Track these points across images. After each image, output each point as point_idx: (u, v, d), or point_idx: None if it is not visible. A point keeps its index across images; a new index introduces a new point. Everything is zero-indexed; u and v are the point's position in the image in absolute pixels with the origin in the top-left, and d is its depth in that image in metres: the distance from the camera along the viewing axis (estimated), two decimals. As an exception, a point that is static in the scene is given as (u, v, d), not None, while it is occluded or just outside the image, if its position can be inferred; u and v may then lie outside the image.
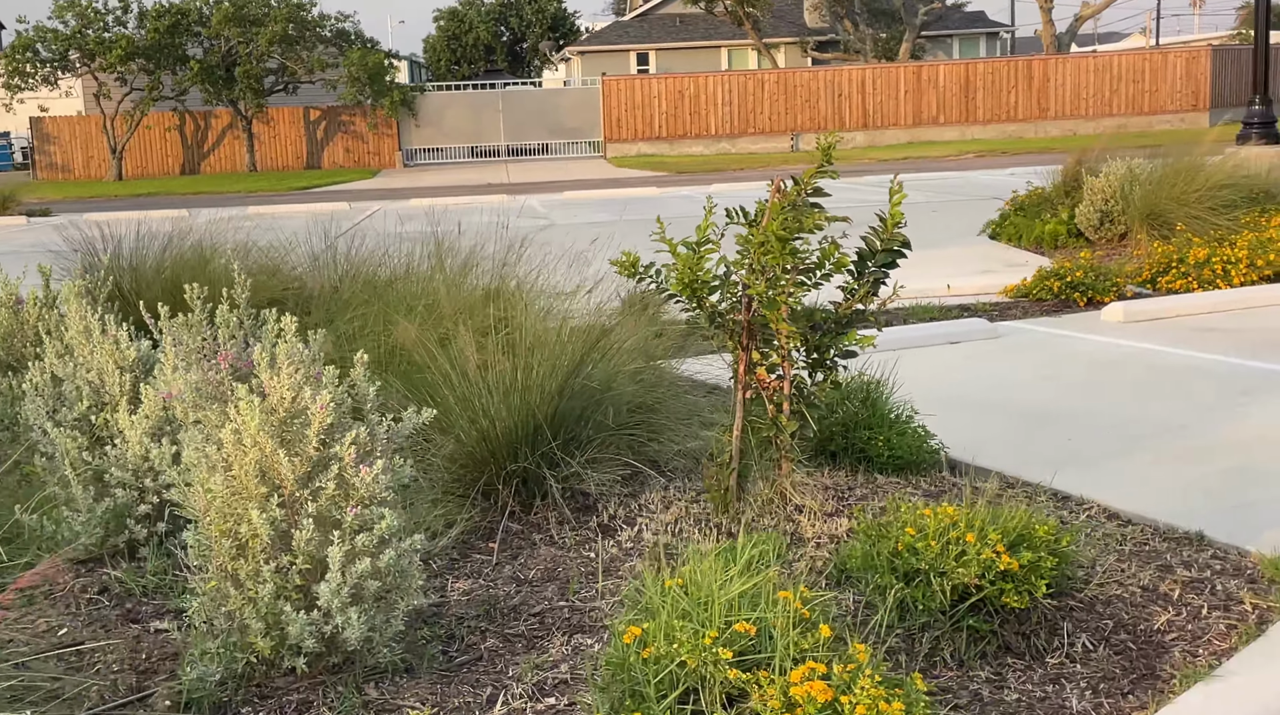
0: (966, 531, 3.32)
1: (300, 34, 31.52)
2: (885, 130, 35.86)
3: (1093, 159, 11.56)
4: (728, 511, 3.82)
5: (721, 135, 35.52)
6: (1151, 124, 36.02)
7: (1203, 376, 6.32)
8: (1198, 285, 8.86)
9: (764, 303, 3.70)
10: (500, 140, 34.93)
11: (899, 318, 8.36)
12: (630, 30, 44.50)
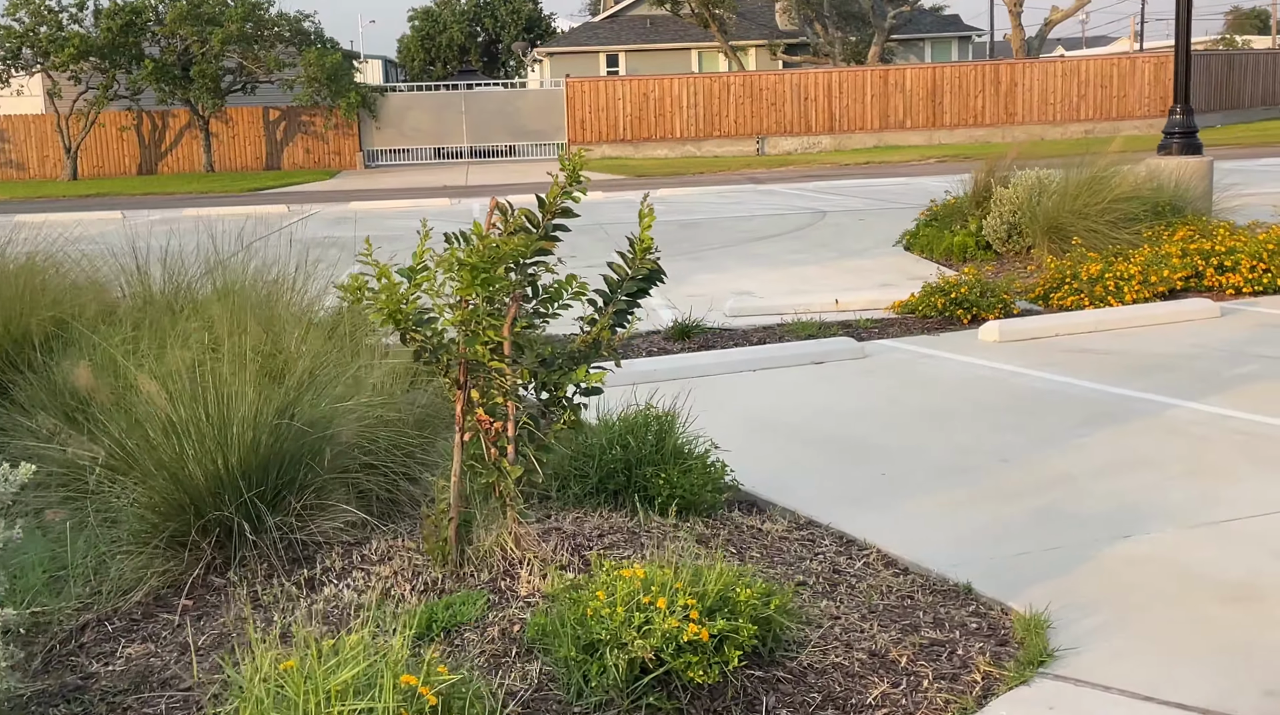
0: (659, 596, 3.03)
1: (258, 33, 31.15)
2: (852, 134, 35.61)
3: (1005, 168, 11.30)
4: (446, 564, 3.53)
5: (686, 138, 35.23)
6: (1119, 129, 35.71)
7: (1054, 403, 6.04)
8: (1089, 302, 8.58)
9: (465, 337, 3.40)
10: (463, 142, 34.58)
11: (774, 335, 8.07)
12: (600, 32, 44.19)
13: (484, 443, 3.52)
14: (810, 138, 35.44)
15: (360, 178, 30.57)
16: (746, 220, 15.30)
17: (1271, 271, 8.93)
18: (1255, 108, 39.94)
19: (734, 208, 17.31)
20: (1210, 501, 4.53)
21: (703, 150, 35.24)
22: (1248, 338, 7.39)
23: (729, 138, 35.35)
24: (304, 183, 29.09)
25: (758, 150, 35.24)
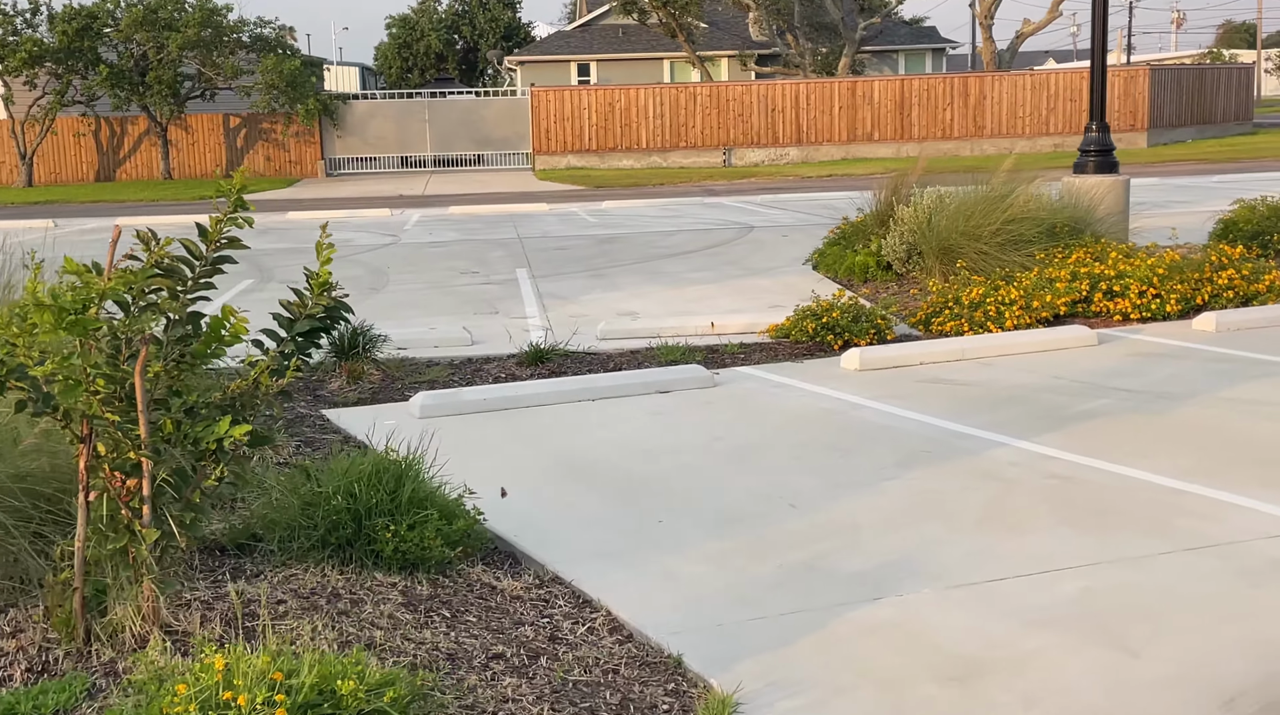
0: (242, 692, 2.69)
1: (216, 39, 30.81)
2: (820, 146, 35.32)
3: (910, 184, 10.98)
4: (73, 641, 3.20)
5: (652, 149, 34.94)
6: (1089, 143, 35.60)
7: (881, 440, 5.71)
8: (969, 328, 8.27)
9: (62, 387, 3.07)
10: (427, 151, 34.27)
11: (634, 360, 7.74)
12: (572, 40, 43.88)
13: (117, 502, 3.19)
14: (778, 149, 35.16)
15: (318, 186, 30.24)
16: (670, 235, 14.98)
17: (1162, 297, 8.62)
18: (1229, 122, 39.73)
19: (667, 222, 17.00)
20: (984, 558, 4.21)
21: (669, 161, 34.95)
22: (1113, 368, 7.07)
23: (696, 149, 35.07)
24: (258, 191, 28.72)
25: (724, 162, 34.96)
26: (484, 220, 18.34)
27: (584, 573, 4.16)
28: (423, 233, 16.35)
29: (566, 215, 18.90)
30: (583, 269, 12.08)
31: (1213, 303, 8.76)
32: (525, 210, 20.30)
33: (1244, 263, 9.06)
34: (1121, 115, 35.96)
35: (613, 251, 13.55)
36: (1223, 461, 5.19)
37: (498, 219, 18.45)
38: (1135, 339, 7.93)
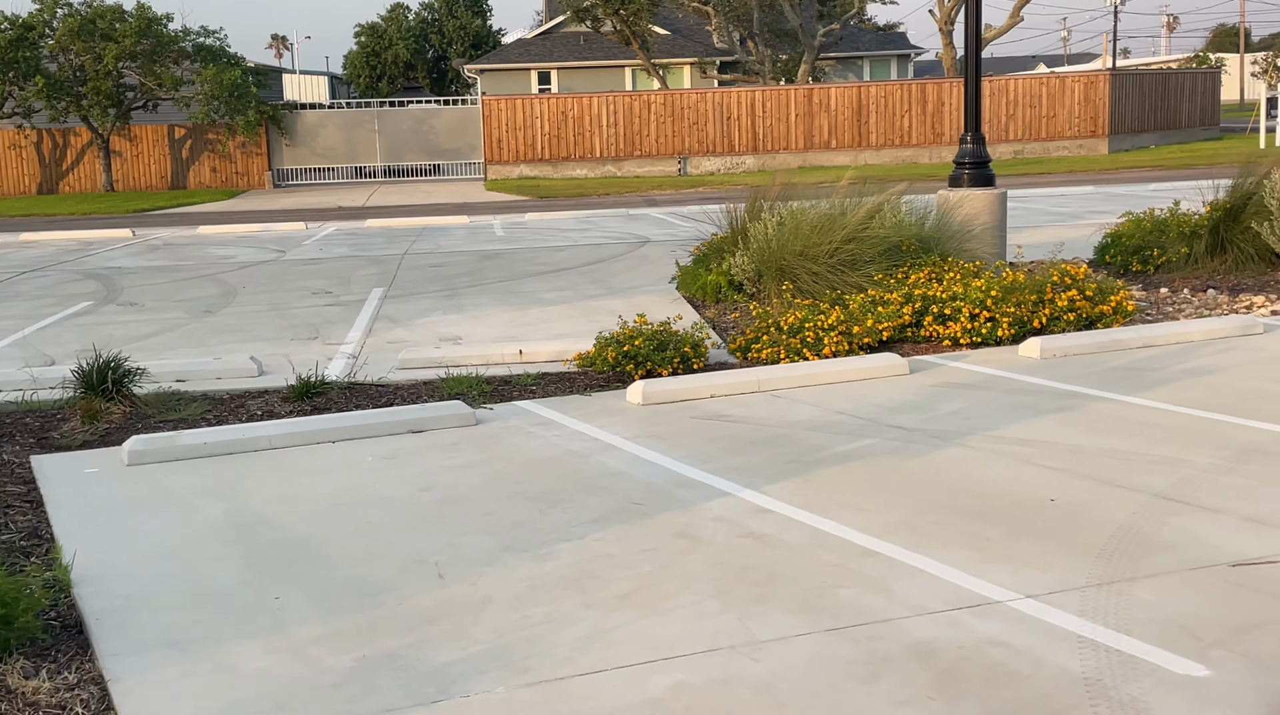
0: None
1: (157, 49, 30.36)
2: (776, 154, 34.88)
3: (774, 198, 10.48)
4: None
5: (606, 158, 34.50)
6: (1049, 150, 35.22)
7: (602, 490, 5.20)
8: (785, 355, 7.78)
9: None
10: (376, 161, 33.82)
11: (417, 393, 7.25)
12: (532, 48, 43.44)
13: None
14: (734, 157, 34.73)
15: (260, 198, 29.77)
16: (559, 251, 14.49)
17: (996, 320, 8.13)
18: (1194, 127, 39.30)
19: (575, 234, 16.51)
20: (599, 643, 3.70)
21: (623, 170, 34.50)
22: (907, 402, 6.58)
23: (651, 157, 34.62)
24: (197, 203, 28.27)
25: (679, 170, 34.51)
26: (390, 234, 17.87)
27: (133, 667, 3.65)
28: (316, 248, 15.86)
29: (480, 228, 18.42)
30: (442, 289, 11.59)
31: (1051, 326, 8.27)
32: (444, 223, 19.82)
33: (1088, 282, 8.56)
34: (1082, 122, 35.53)
35: (487, 269, 13.06)
36: (938, 515, 4.69)
37: (405, 233, 17.97)
38: (951, 367, 7.44)
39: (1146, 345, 7.82)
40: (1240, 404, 6.24)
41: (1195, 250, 10.69)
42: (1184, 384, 6.75)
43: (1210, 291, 9.92)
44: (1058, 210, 17.90)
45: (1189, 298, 9.78)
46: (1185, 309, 9.32)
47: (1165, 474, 5.14)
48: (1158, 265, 10.84)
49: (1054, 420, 6.10)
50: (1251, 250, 10.50)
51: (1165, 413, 6.15)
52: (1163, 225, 11.15)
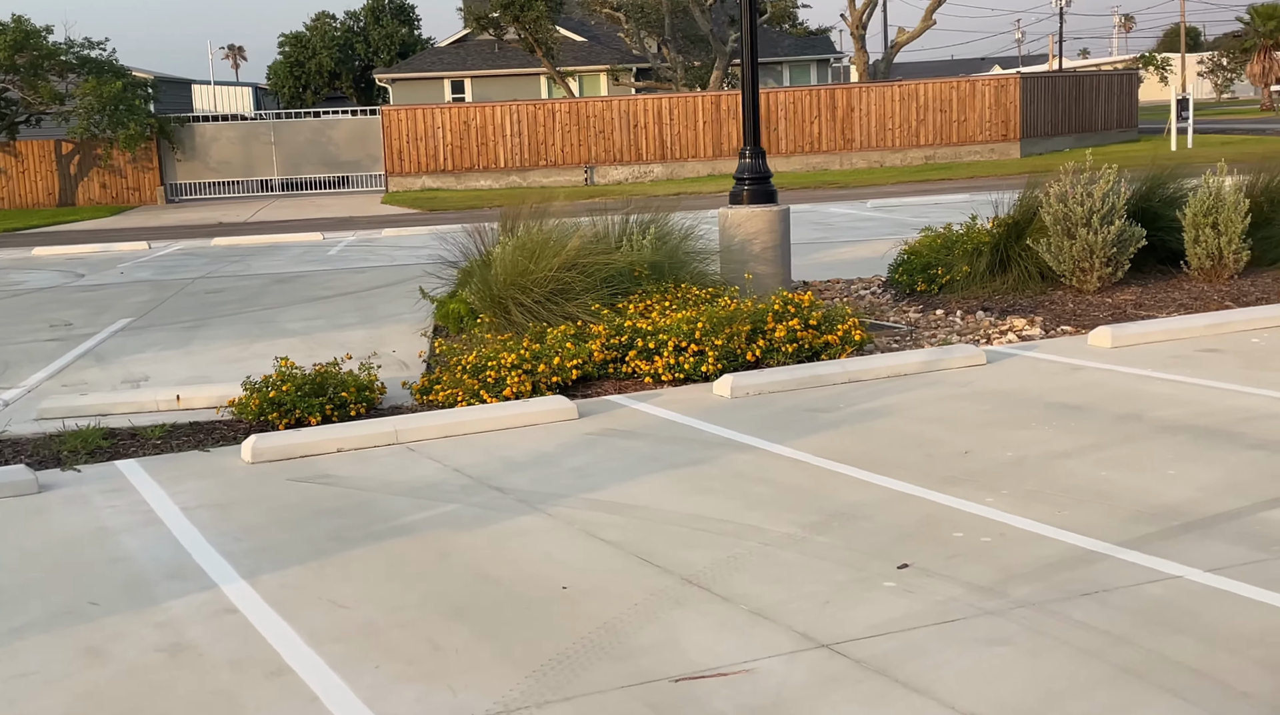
0: None
1: (37, 62, 29.44)
2: (685, 162, 34.28)
3: (527, 217, 9.78)
4: None
5: (511, 168, 33.79)
6: (960, 155, 34.79)
7: (74, 580, 4.51)
8: (464, 397, 7.10)
9: None
10: (273, 174, 32.98)
11: (9, 449, 6.52)
12: (446, 57, 42.68)
13: None
14: (641, 166, 34.11)
15: (145, 215, 28.89)
16: (361, 273, 13.78)
17: (705, 353, 7.48)
18: (1111, 130, 39.00)
19: (400, 254, 15.77)
20: None
21: (529, 181, 33.81)
22: (542, 455, 5.90)
23: (557, 167, 33.94)
24: (76, 221, 27.35)
25: (586, 180, 33.85)
26: (222, 254, 17.11)
27: None
28: (117, 273, 15.02)
29: (320, 247, 17.66)
30: (193, 319, 10.86)
31: (767, 359, 7.63)
32: (293, 240, 19.06)
33: (813, 310, 7.93)
34: (993, 126, 35.10)
35: (268, 294, 12.35)
36: (418, 613, 4.01)
37: (238, 252, 17.22)
38: (630, 410, 6.79)
39: (852, 380, 7.19)
40: (884, 454, 5.62)
41: (977, 269, 10.10)
42: (850, 428, 6.13)
43: (980, 313, 9.33)
44: (912, 221, 17.33)
45: (954, 321, 9.19)
46: (939, 333, 8.72)
47: (722, 548, 4.50)
48: (942, 284, 10.25)
49: (674, 477, 5.45)
50: (1034, 268, 9.92)
51: (798, 465, 5.52)
52: (952, 241, 10.57)
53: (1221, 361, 7.21)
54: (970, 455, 5.56)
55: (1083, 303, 9.36)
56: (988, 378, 7.12)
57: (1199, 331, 8.00)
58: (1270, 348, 7.53)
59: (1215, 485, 4.94)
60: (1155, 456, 5.40)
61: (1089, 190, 9.51)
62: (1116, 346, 7.76)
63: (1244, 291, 9.39)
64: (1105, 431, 5.84)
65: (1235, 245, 9.58)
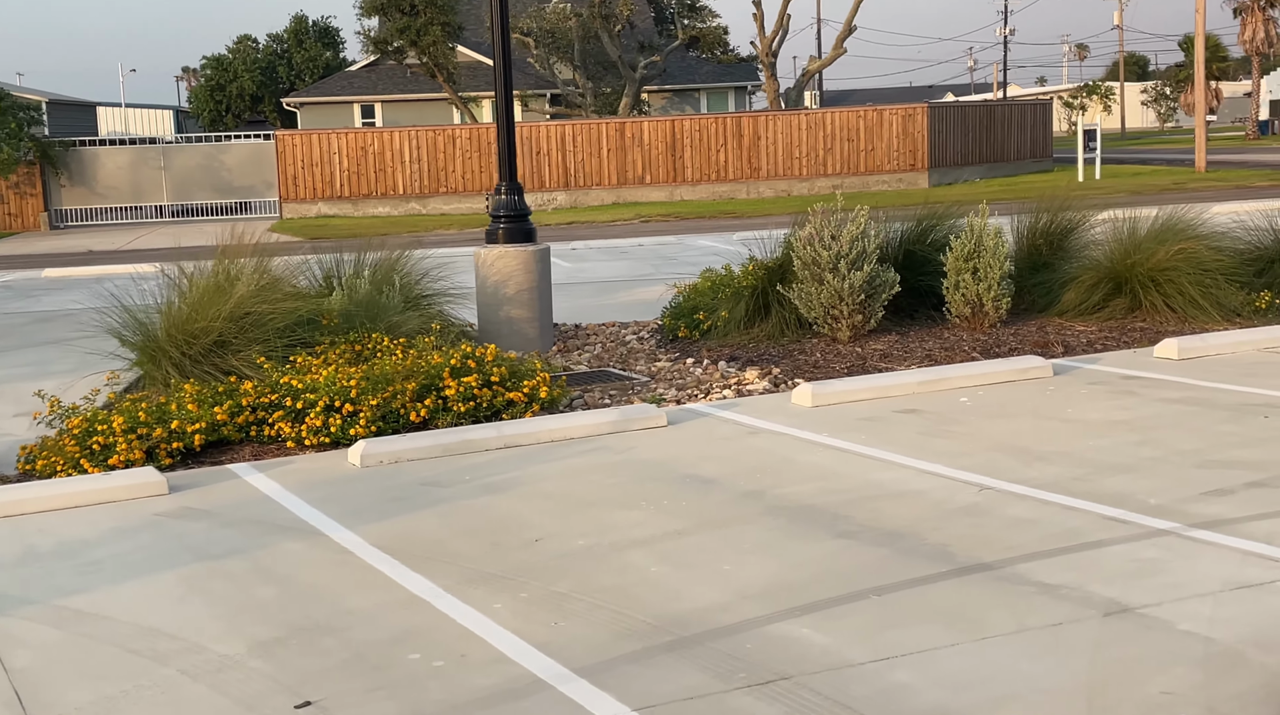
0: None
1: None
2: (589, 190, 33.74)
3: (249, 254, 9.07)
4: None
5: (411, 195, 33.13)
6: (868, 184, 34.44)
7: None
8: (63, 467, 6.39)
9: None
10: (163, 199, 32.12)
11: None
12: (356, 81, 42.01)
13: None
14: (545, 194, 33.51)
15: (22, 242, 27.96)
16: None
17: (364, 412, 6.81)
18: (1025, 159, 38.82)
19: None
20: None
21: (429, 208, 33.15)
22: (57, 547, 5.22)
23: (458, 194, 33.31)
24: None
25: (487, 208, 33.17)
26: (31, 287, 16.34)
27: None
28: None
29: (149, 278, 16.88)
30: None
31: (436, 418, 6.97)
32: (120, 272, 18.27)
33: (497, 364, 7.28)
34: (901, 155, 34.80)
35: (9, 335, 11.65)
36: None
37: (57, 285, 16.46)
38: (236, 484, 6.09)
39: (509, 446, 6.55)
40: (448, 544, 4.96)
41: (736, 314, 9.52)
42: (447, 508, 5.47)
43: (723, 363, 8.73)
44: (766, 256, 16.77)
45: (696, 371, 8.59)
46: (672, 386, 8.11)
47: (128, 677, 3.83)
48: (704, 331, 9.66)
49: (190, 574, 4.76)
50: (794, 315, 9.34)
51: (341, 560, 4.85)
52: (720, 284, 10.00)
53: (908, 425, 6.63)
54: (538, 544, 4.92)
55: (831, 353, 8.79)
56: (654, 443, 6.50)
57: (911, 388, 7.42)
58: (973, 408, 6.96)
59: (756, 586, 4.32)
60: (731, 546, 4.78)
61: (836, 233, 8.95)
62: (817, 405, 7.17)
63: (1000, 341, 8.85)
64: (709, 512, 5.23)
65: (995, 292, 9.04)
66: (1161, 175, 34.60)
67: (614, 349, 9.71)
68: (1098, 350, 8.58)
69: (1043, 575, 4.33)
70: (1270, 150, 52.47)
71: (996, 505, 5.18)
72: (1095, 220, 10.19)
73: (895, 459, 5.96)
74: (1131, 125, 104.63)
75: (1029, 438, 6.24)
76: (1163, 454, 5.81)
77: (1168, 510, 4.98)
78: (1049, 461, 5.79)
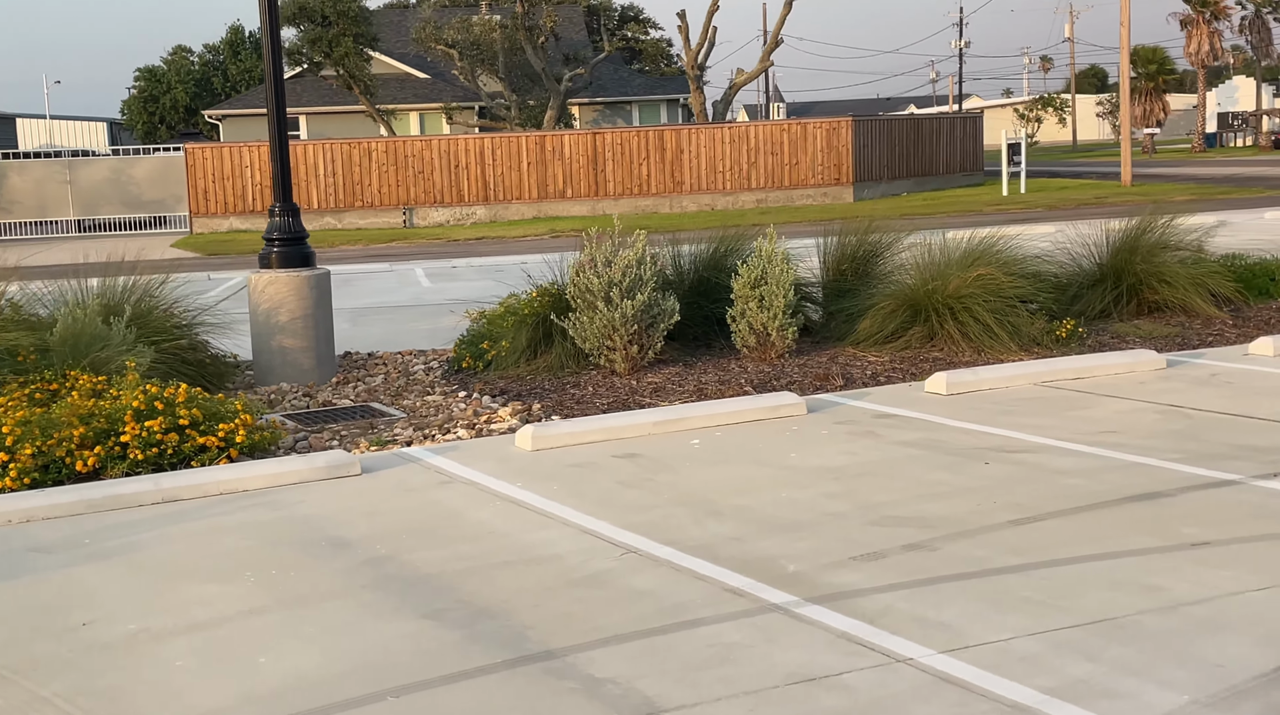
0: None
1: None
2: (510, 204, 33.18)
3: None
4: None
5: (326, 209, 32.50)
6: (793, 199, 34.09)
7: None
8: None
9: None
10: (69, 214, 31.36)
11: None
12: (281, 93, 41.35)
13: None
14: (464, 208, 32.95)
15: (-89, 257, 27.18)
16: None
17: (19, 462, 6.22)
18: (955, 173, 38.54)
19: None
20: None
21: (344, 223, 32.52)
22: None
23: (374, 208, 32.68)
24: None
25: (405, 222, 32.61)
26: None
27: None
28: None
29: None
30: None
31: (111, 467, 6.38)
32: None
33: (190, 405, 6.71)
34: (826, 169, 34.42)
35: None
36: None
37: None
38: None
39: (168, 500, 5.97)
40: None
41: (518, 343, 8.99)
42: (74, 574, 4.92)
43: (488, 398, 8.20)
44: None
45: (458, 407, 8.05)
46: (398, 426, 7.56)
47: None
48: (488, 361, 9.12)
49: None
50: (575, 345, 8.81)
51: None
52: (509, 311, 9.47)
53: (615, 473, 6.09)
54: (84, 629, 4.32)
55: (605, 386, 8.26)
56: (326, 497, 5.94)
57: (647, 428, 6.89)
58: (698, 452, 6.44)
59: (273, 685, 3.76)
60: (296, 629, 4.23)
61: (610, 260, 8.43)
62: (538, 449, 6.63)
63: (782, 374, 8.35)
64: (310, 585, 4.66)
65: (780, 321, 8.54)
66: (1086, 189, 34.37)
67: (395, 380, 9.15)
68: (880, 382, 8.09)
69: (601, 666, 3.80)
70: (1210, 163, 52.54)
71: (626, 573, 4.65)
72: (909, 243, 9.72)
73: (566, 515, 5.43)
74: (1087, 137, 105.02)
75: (726, 489, 5.73)
76: (848, 509, 5.31)
77: (799, 579, 4.47)
78: (724, 518, 5.27)
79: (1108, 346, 8.72)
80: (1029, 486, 5.51)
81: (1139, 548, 4.66)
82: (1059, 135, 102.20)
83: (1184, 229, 10.20)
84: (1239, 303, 9.62)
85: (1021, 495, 5.37)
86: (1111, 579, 4.33)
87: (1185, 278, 9.25)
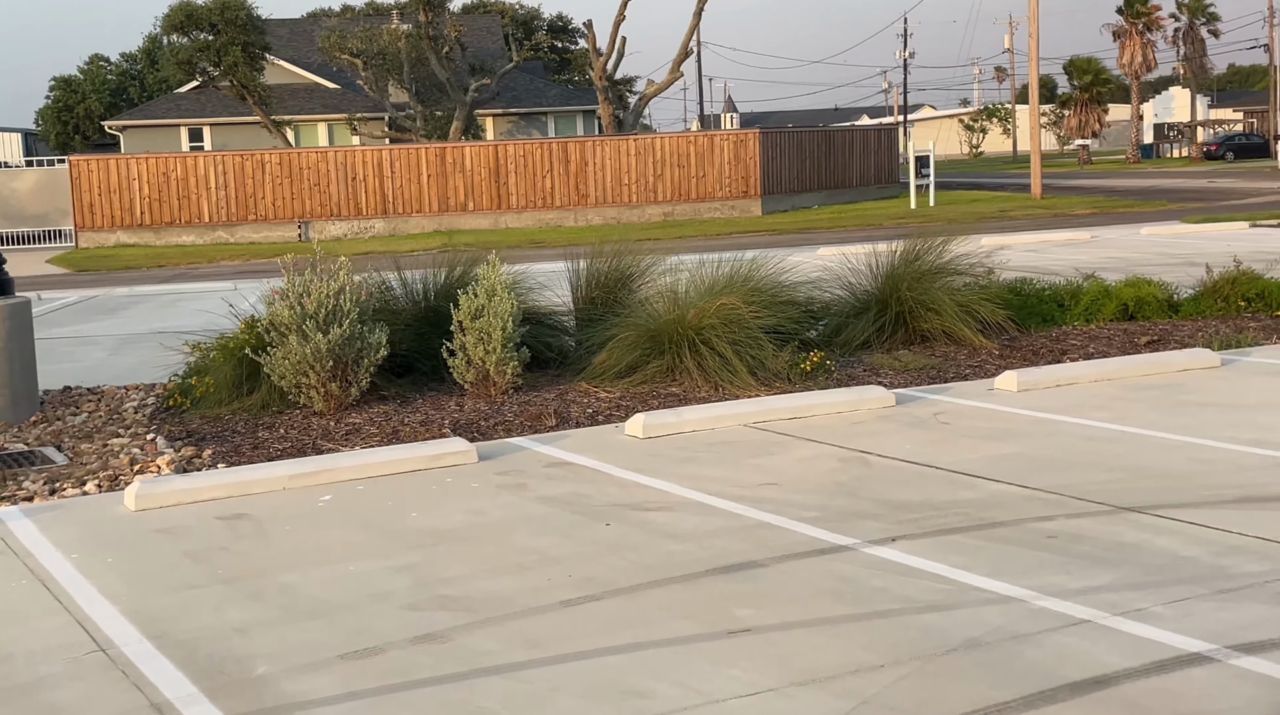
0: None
1: None
2: (409, 217, 32.41)
3: None
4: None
5: (217, 223, 31.60)
6: (700, 212, 33.51)
7: None
8: None
9: None
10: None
11: None
12: (184, 103, 40.37)
13: None
14: (362, 221, 32.16)
15: None
16: None
17: None
18: (869, 185, 38.12)
19: None
20: None
21: (236, 236, 31.62)
22: None
23: (268, 221, 31.81)
24: None
25: (300, 236, 31.74)
26: None
27: None
28: None
29: None
30: None
31: None
32: None
33: None
34: (734, 182, 33.87)
35: None
36: None
37: None
38: None
39: None
40: None
41: (224, 379, 8.26)
42: None
43: (163, 441, 7.47)
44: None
45: (123, 450, 7.32)
46: (26, 479, 6.82)
47: None
48: (195, 398, 8.38)
49: None
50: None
51: None
52: (221, 344, 8.72)
53: (197, 539, 5.39)
54: None
55: (300, 428, 7.56)
56: None
57: (282, 482, 6.18)
58: (320, 512, 5.75)
59: None
60: None
61: (307, 290, 7.73)
62: (141, 509, 5.91)
63: (498, 413, 7.67)
64: None
65: (498, 356, 7.86)
66: (994, 203, 34.04)
67: (96, 419, 8.40)
68: (597, 422, 7.43)
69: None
70: (1136, 175, 52.56)
71: (65, 680, 3.95)
72: (666, 267, 9.09)
73: (80, 602, 4.71)
74: (1029, 147, 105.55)
75: (303, 560, 5.03)
76: (402, 586, 4.63)
77: (257, 685, 3.78)
78: (259, 601, 4.57)
79: (857, 380, 8.10)
80: (626, 555, 4.86)
81: (675, 636, 4.01)
82: (1004, 146, 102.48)
83: (982, 251, 9.64)
84: (1015, 331, 9.04)
85: (605, 566, 4.72)
86: (595, 682, 3.67)
87: (952, 306, 8.65)
